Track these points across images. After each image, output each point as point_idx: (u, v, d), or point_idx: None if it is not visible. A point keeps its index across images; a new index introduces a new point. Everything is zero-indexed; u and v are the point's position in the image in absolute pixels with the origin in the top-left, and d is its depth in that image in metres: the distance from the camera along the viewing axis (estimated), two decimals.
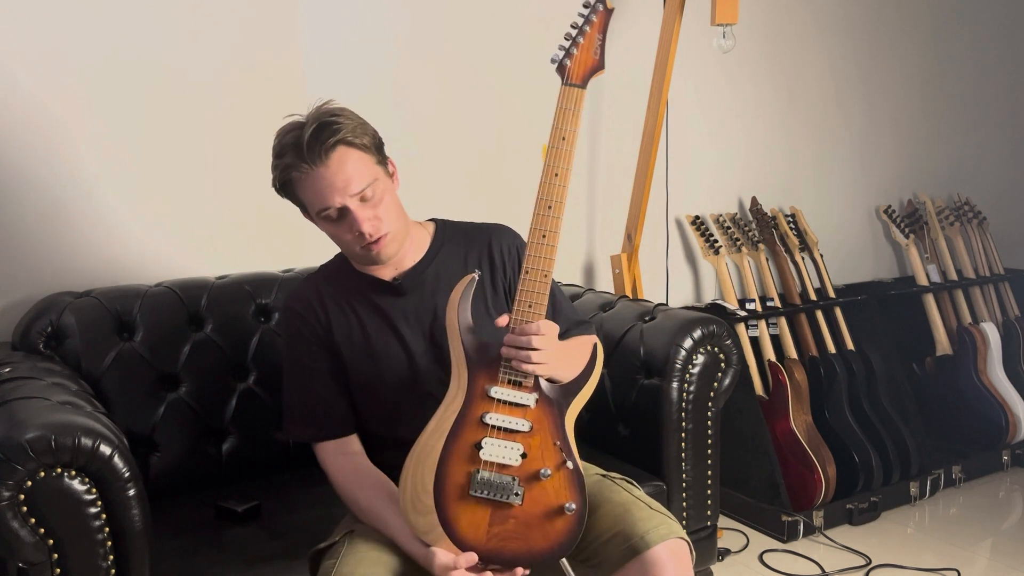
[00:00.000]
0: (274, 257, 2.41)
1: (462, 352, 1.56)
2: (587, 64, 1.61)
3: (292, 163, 1.59)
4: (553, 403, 1.56)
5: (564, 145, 1.59)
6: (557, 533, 1.52)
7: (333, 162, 1.58)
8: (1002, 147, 4.06)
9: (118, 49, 2.20)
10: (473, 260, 1.77)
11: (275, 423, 2.18)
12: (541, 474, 1.52)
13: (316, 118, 1.60)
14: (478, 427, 1.53)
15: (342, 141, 1.58)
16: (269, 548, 1.80)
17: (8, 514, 1.47)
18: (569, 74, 1.59)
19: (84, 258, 2.21)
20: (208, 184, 2.35)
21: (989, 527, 2.95)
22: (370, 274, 1.73)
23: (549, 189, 1.59)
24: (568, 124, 1.59)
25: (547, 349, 1.53)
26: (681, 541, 1.56)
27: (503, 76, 2.75)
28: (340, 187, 1.58)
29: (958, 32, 3.82)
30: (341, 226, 1.63)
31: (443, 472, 1.52)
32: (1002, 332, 3.55)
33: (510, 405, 1.54)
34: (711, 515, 2.22)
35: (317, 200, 1.60)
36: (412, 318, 1.72)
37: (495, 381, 1.55)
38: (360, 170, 1.60)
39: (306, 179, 1.59)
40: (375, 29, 2.55)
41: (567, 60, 1.60)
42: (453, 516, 1.51)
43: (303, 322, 1.72)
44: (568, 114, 1.59)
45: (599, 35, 1.61)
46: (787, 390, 2.95)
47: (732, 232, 3.16)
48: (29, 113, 2.12)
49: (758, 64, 3.27)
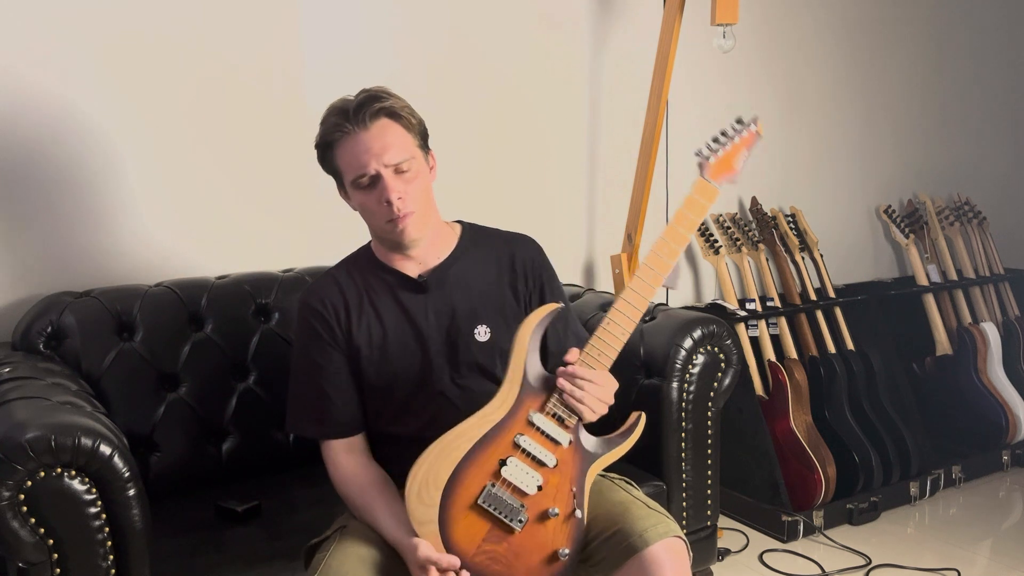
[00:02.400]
0: (274, 257, 2.41)
1: (521, 372, 1.59)
2: (725, 169, 1.72)
3: (337, 123, 1.63)
4: (583, 452, 1.60)
5: (682, 229, 1.66)
6: (541, 574, 1.55)
7: (375, 128, 1.61)
8: (1002, 147, 4.06)
9: (118, 51, 2.20)
10: (496, 266, 1.77)
11: (275, 423, 2.19)
12: (549, 512, 1.55)
13: (368, 90, 1.66)
14: (509, 445, 1.56)
15: (388, 112, 1.63)
16: (269, 548, 1.80)
17: (8, 514, 1.47)
18: (707, 170, 1.70)
19: (84, 258, 2.21)
20: (208, 184, 2.35)
21: (989, 527, 2.95)
22: (396, 268, 1.73)
23: (657, 259, 1.64)
24: (693, 213, 1.67)
25: (601, 399, 1.57)
26: (679, 540, 1.57)
27: (504, 76, 2.76)
28: (377, 152, 1.60)
29: (958, 32, 3.83)
30: (371, 195, 1.64)
31: (460, 473, 1.53)
32: (1002, 332, 3.55)
33: (545, 436, 1.57)
34: (711, 515, 2.22)
35: (354, 164, 1.62)
36: (432, 316, 1.72)
37: (540, 409, 1.58)
38: (400, 143, 1.63)
39: (346, 141, 1.62)
40: (375, 29, 2.55)
41: (711, 158, 1.70)
42: (453, 518, 1.52)
43: (320, 320, 1.71)
44: (696, 204, 1.68)
45: (745, 151, 1.75)
46: (787, 390, 2.95)
47: (732, 232, 3.16)
48: (28, 113, 2.12)
49: (758, 64, 3.27)
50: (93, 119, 2.19)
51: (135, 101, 2.24)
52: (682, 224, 1.66)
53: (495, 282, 1.76)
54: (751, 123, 1.75)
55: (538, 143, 2.85)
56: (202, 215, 2.35)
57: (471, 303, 1.73)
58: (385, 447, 1.73)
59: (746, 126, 1.74)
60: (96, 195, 2.22)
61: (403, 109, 1.65)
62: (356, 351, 1.71)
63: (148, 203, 2.28)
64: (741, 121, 1.74)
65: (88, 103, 2.18)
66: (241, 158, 2.38)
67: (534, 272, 1.79)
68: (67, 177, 2.18)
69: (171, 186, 2.31)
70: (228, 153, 2.37)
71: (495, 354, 1.72)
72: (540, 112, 2.84)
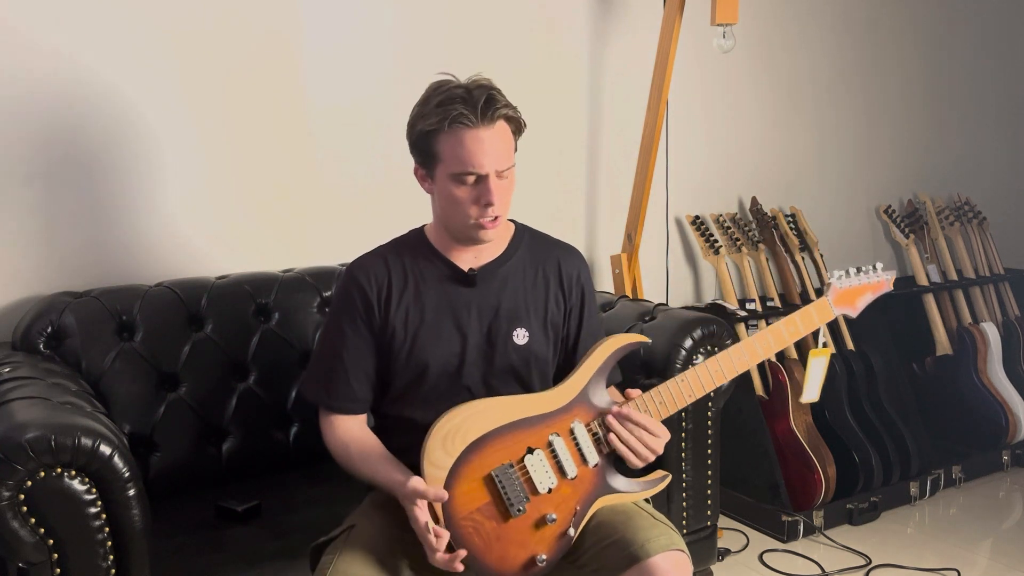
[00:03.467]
0: (274, 257, 2.41)
1: (585, 382, 1.63)
2: (847, 302, 1.84)
3: (462, 113, 1.56)
4: (602, 481, 1.62)
5: (786, 335, 1.75)
6: (511, 569, 1.56)
7: (499, 128, 1.60)
8: (1002, 147, 4.06)
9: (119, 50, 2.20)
10: (543, 271, 1.77)
11: (275, 423, 2.19)
12: (547, 517, 1.57)
13: (484, 85, 1.62)
14: (543, 439, 1.59)
15: (508, 116, 1.62)
16: (269, 548, 1.80)
17: (8, 514, 1.47)
18: (833, 294, 1.82)
19: (84, 258, 2.21)
20: (208, 184, 2.35)
21: (989, 527, 2.96)
22: (448, 258, 1.72)
23: (752, 347, 1.72)
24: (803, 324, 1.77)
25: (649, 446, 1.60)
26: (681, 553, 1.55)
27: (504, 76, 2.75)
28: (493, 155, 1.59)
29: (958, 32, 3.83)
30: (470, 192, 1.61)
31: (488, 440, 1.55)
32: (1002, 332, 3.55)
33: (577, 448, 1.60)
34: (711, 515, 2.22)
35: (466, 159, 1.58)
36: (475, 311, 1.71)
37: (584, 422, 1.61)
38: (510, 149, 1.64)
39: (465, 133, 1.57)
40: (375, 29, 2.55)
41: (843, 286, 1.83)
42: (462, 475, 1.54)
43: (359, 291, 1.70)
44: (809, 318, 1.78)
45: (870, 295, 1.87)
46: (787, 390, 2.95)
47: (732, 232, 3.16)
48: (27, 114, 2.12)
49: (758, 64, 3.27)
50: (92, 121, 2.19)
51: (135, 103, 2.24)
52: (788, 328, 1.75)
53: (541, 288, 1.76)
54: (887, 274, 1.89)
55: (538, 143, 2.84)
56: (202, 215, 2.35)
57: (515, 304, 1.72)
58: (400, 431, 1.72)
59: (880, 273, 1.87)
60: (96, 195, 2.21)
61: (517, 114, 1.64)
62: (391, 333, 1.69)
63: (148, 203, 2.28)
64: (875, 268, 1.88)
65: (88, 104, 2.18)
66: (241, 158, 2.38)
67: (578, 286, 1.80)
68: (67, 178, 2.18)
69: (171, 186, 2.31)
70: (228, 153, 2.37)
71: (530, 359, 1.72)
72: (540, 112, 2.82)
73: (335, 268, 2.35)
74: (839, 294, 1.81)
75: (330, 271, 2.33)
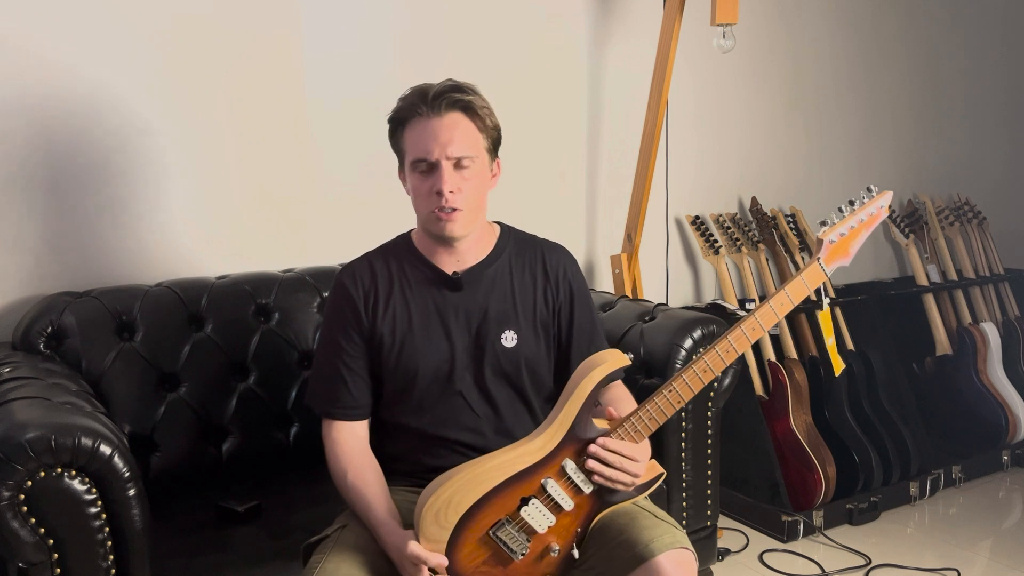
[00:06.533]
0: (274, 257, 2.41)
1: (572, 419, 1.59)
2: (840, 254, 1.68)
3: (413, 104, 1.64)
4: (598, 500, 1.61)
5: (779, 307, 1.63)
6: None
7: (448, 118, 1.63)
8: (1001, 147, 4.06)
9: (117, 52, 2.20)
10: (530, 271, 1.77)
11: (275, 423, 2.20)
12: (550, 549, 1.57)
13: (455, 81, 1.68)
14: (536, 486, 1.57)
15: (464, 106, 1.64)
16: (269, 548, 1.80)
17: (8, 514, 1.47)
18: (827, 254, 1.66)
19: (84, 258, 2.21)
20: (208, 184, 2.35)
21: (989, 527, 2.96)
22: (432, 262, 1.73)
23: (739, 335, 1.62)
24: (795, 294, 1.63)
25: (630, 473, 1.58)
26: (686, 551, 1.56)
27: (504, 76, 2.75)
28: (442, 142, 1.62)
29: (958, 32, 3.83)
30: (425, 182, 1.64)
31: (482, 506, 1.54)
32: (1002, 332, 3.55)
33: (572, 485, 1.59)
34: (711, 515, 2.22)
35: (418, 146, 1.63)
36: (462, 315, 1.71)
37: (576, 460, 1.58)
38: (467, 139, 1.64)
39: (417, 123, 1.64)
40: (375, 29, 2.55)
41: (836, 238, 1.66)
42: (460, 543, 1.54)
43: (347, 299, 1.71)
44: (800, 286, 1.63)
45: (866, 232, 1.69)
46: (787, 390, 2.95)
47: (732, 232, 3.16)
48: (27, 116, 2.12)
49: (758, 64, 3.27)
50: (91, 122, 2.19)
51: (135, 104, 2.24)
52: (777, 303, 1.62)
53: (529, 287, 1.76)
54: (882, 200, 1.69)
55: (538, 143, 2.85)
56: (202, 215, 2.35)
57: (503, 307, 1.72)
58: (395, 437, 1.73)
59: (873, 205, 1.69)
60: (96, 196, 2.21)
61: (481, 109, 1.66)
62: (379, 339, 1.70)
63: (148, 203, 2.28)
64: (870, 191, 1.70)
65: (87, 106, 2.18)
66: (242, 159, 2.38)
67: (565, 281, 1.79)
68: (67, 178, 2.18)
69: (171, 186, 2.31)
70: (229, 154, 2.37)
71: (520, 362, 1.72)
72: (540, 112, 2.84)
73: (335, 268, 2.34)
74: (832, 250, 1.66)
75: (330, 271, 2.33)
